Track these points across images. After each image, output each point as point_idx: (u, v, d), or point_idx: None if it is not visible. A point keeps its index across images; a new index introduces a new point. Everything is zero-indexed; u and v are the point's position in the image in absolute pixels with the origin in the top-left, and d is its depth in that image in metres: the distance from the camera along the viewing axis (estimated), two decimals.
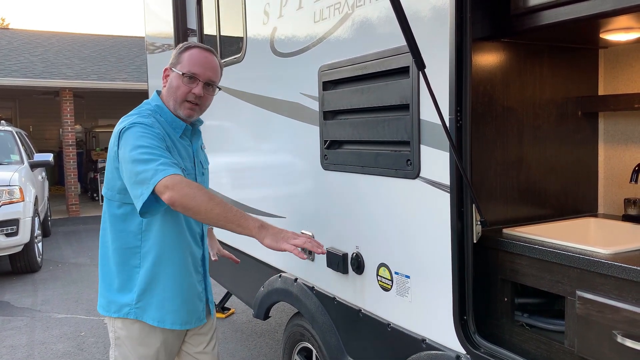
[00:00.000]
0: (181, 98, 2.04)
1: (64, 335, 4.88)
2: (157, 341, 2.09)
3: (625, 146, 2.16)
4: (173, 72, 2.07)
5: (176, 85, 2.04)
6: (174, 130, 2.07)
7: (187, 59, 2.05)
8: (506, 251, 1.76)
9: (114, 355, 2.10)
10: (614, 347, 1.42)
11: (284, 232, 1.83)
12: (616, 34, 1.85)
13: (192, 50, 2.07)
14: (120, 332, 2.08)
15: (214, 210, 1.78)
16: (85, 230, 10.32)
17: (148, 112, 2.05)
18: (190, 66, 2.03)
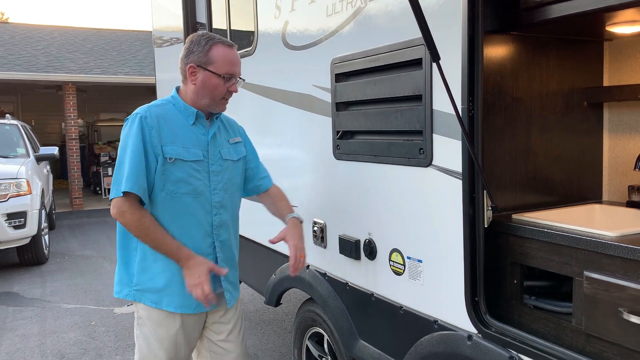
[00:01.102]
0: (219, 96, 2.14)
1: (75, 324, 4.97)
2: (175, 324, 2.17)
3: (629, 135, 2.24)
4: (206, 72, 2.10)
5: (214, 85, 2.12)
6: (186, 118, 2.15)
7: (220, 58, 2.10)
8: (516, 235, 1.84)
9: (136, 334, 2.22)
10: (620, 323, 1.50)
11: (193, 277, 2.06)
12: (622, 27, 1.92)
13: (221, 48, 2.12)
14: (142, 312, 2.18)
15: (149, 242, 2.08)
16: (90, 224, 10.42)
17: (162, 101, 2.20)
18: (227, 67, 2.12)
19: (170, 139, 2.09)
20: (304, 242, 2.27)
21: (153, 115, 2.09)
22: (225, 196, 2.23)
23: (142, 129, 2.06)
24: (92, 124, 15.98)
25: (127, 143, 2.07)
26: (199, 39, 2.13)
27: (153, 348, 2.18)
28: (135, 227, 2.03)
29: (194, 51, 2.11)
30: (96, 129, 15.98)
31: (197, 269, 2.06)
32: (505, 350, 1.75)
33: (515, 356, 1.72)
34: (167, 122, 2.12)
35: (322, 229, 2.67)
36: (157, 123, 2.08)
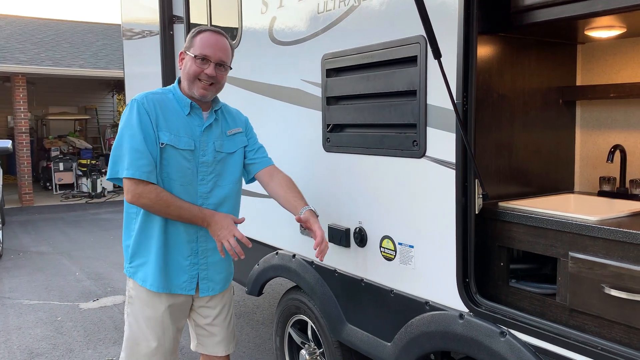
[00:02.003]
0: (193, 77, 2.22)
1: (40, 320, 4.87)
2: (162, 305, 2.30)
3: (599, 131, 2.45)
4: (187, 55, 2.24)
5: (189, 67, 2.23)
6: (182, 108, 2.26)
7: (198, 42, 2.22)
8: (504, 221, 1.99)
9: (127, 311, 2.35)
10: (602, 297, 1.67)
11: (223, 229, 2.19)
12: (599, 31, 2.11)
13: (204, 34, 2.24)
14: (132, 291, 2.32)
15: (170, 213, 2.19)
16: (42, 220, 10.11)
17: (162, 89, 2.29)
18: (202, 48, 2.21)
19: (164, 125, 2.19)
20: None
21: (150, 102, 2.20)
22: (214, 187, 2.30)
23: (140, 114, 2.16)
24: (41, 118, 15.43)
25: (126, 128, 2.17)
26: (193, 30, 2.28)
27: (141, 326, 2.30)
28: (155, 204, 2.14)
29: (186, 40, 2.27)
30: (45, 122, 15.44)
31: (224, 222, 2.19)
32: (496, 326, 1.90)
33: (505, 331, 1.88)
34: (164, 109, 2.21)
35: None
36: (154, 109, 2.19)
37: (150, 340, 2.29)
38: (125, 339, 2.34)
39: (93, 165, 13.12)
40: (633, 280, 1.59)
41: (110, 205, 11.75)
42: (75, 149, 14.23)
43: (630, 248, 1.62)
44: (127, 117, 2.17)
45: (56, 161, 13.11)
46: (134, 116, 2.15)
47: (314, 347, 3.00)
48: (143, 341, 2.30)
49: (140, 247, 2.27)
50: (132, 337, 2.32)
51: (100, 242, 8.12)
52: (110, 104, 16.49)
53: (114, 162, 2.17)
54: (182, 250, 2.28)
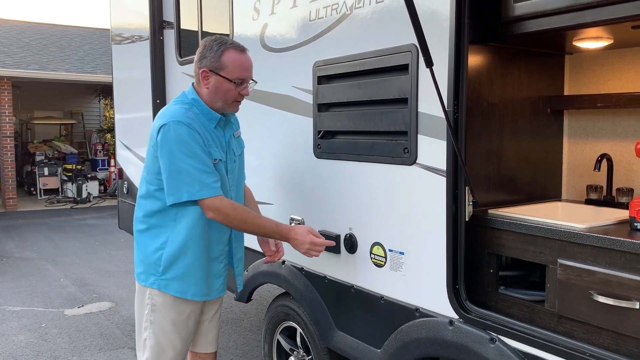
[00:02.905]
0: (232, 100, 2.26)
1: (24, 327, 4.81)
2: (187, 308, 2.32)
3: (585, 140, 2.49)
4: (217, 77, 2.22)
5: (226, 89, 2.23)
6: (209, 121, 2.26)
7: (231, 63, 2.21)
8: (494, 228, 2.01)
9: (150, 319, 2.30)
10: (590, 304, 1.70)
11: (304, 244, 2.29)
12: (587, 42, 2.15)
13: (233, 54, 2.22)
14: (157, 298, 2.29)
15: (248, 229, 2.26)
16: (26, 225, 9.99)
17: (186, 105, 2.23)
18: (238, 72, 2.23)
19: (209, 142, 2.22)
20: None
21: (194, 121, 2.18)
22: (237, 191, 2.42)
23: (192, 134, 2.14)
24: (26, 122, 15.28)
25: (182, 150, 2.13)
26: (212, 44, 2.23)
27: (167, 332, 2.30)
28: (236, 220, 2.19)
29: (206, 56, 2.22)
30: (30, 126, 15.29)
31: (304, 237, 2.27)
32: (486, 333, 1.92)
33: (495, 337, 1.89)
34: (201, 127, 2.22)
35: (300, 224, 2.76)
36: (199, 127, 2.19)
37: (176, 343, 2.33)
38: (149, 347, 2.32)
39: (79, 170, 13.01)
40: (620, 287, 1.62)
41: (95, 211, 11.64)
42: (60, 154, 14.10)
43: (617, 255, 1.64)
44: (178, 140, 2.12)
45: (41, 166, 12.97)
46: (186, 137, 2.12)
47: (303, 354, 2.99)
48: (169, 346, 2.32)
49: (177, 259, 2.25)
50: (158, 344, 2.32)
51: (85, 248, 8.04)
52: (96, 109, 16.37)
53: (177, 186, 2.13)
54: (219, 256, 2.37)
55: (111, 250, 7.86)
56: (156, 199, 2.24)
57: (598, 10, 1.70)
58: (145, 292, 2.31)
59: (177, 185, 2.13)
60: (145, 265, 2.30)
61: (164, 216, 2.25)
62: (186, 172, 2.11)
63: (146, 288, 2.30)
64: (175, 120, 2.14)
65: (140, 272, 2.33)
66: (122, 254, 7.60)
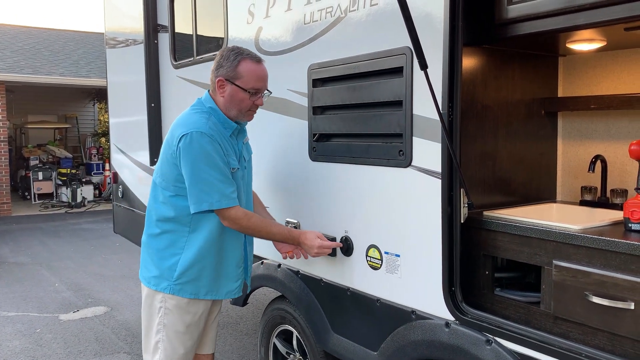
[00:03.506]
0: (246, 109, 2.30)
1: (19, 332, 4.78)
2: (200, 309, 2.38)
3: (579, 142, 2.50)
4: (233, 86, 2.27)
5: (240, 99, 2.28)
6: (225, 130, 2.30)
7: (247, 74, 2.26)
8: (489, 230, 2.02)
9: (163, 322, 2.34)
10: (585, 305, 1.70)
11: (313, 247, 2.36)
12: (580, 44, 2.17)
13: (249, 64, 2.27)
14: (170, 302, 2.33)
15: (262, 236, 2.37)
16: (20, 230, 9.95)
17: (205, 115, 2.28)
18: (254, 82, 2.28)
19: (227, 152, 2.27)
20: None
21: (215, 132, 2.24)
22: (247, 197, 2.47)
23: (214, 145, 2.21)
24: (20, 126, 15.21)
25: (204, 161, 2.19)
26: (229, 54, 2.28)
27: (179, 334, 2.35)
28: (252, 229, 2.31)
29: (223, 65, 2.27)
30: (24, 131, 15.23)
31: (313, 242, 2.34)
32: (482, 335, 1.92)
33: (491, 339, 1.89)
34: (220, 136, 2.27)
35: (296, 228, 2.76)
36: (219, 138, 2.24)
37: (187, 345, 2.38)
38: (163, 350, 2.36)
39: (73, 175, 12.96)
40: (615, 287, 1.62)
41: (90, 215, 11.60)
42: (54, 158, 14.05)
43: (612, 256, 1.65)
44: (199, 150, 2.18)
45: (35, 170, 12.92)
46: (208, 148, 2.19)
47: (299, 357, 2.99)
48: (181, 347, 2.37)
49: (193, 265, 2.30)
50: (171, 346, 2.36)
51: (80, 253, 8.01)
52: (91, 113, 16.32)
53: (198, 196, 2.20)
54: (236, 259, 2.42)
55: (106, 255, 7.83)
56: (172, 205, 2.29)
57: (590, 13, 1.71)
58: (157, 296, 2.34)
59: (198, 195, 2.20)
60: (159, 270, 2.32)
61: (179, 222, 2.30)
62: (208, 182, 2.18)
63: (157, 292, 2.33)
64: (198, 130, 2.19)
65: (152, 277, 2.35)
66: (117, 258, 7.58)
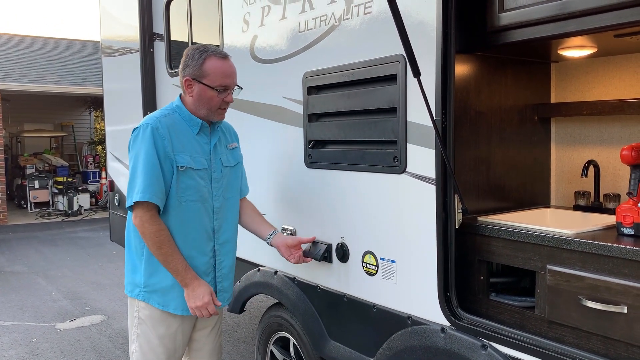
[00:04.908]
0: (216, 107, 2.25)
1: (15, 341, 4.76)
2: (175, 322, 2.29)
3: (573, 147, 2.52)
4: (200, 84, 2.21)
5: (209, 97, 2.22)
6: (190, 127, 2.25)
7: (213, 71, 2.20)
8: (483, 235, 2.03)
9: (137, 332, 2.28)
10: (579, 309, 1.72)
11: (197, 298, 2.19)
12: (571, 51, 2.19)
13: (214, 61, 2.21)
14: (142, 312, 2.27)
15: (158, 255, 2.16)
16: (16, 239, 9.91)
17: (167, 111, 2.25)
18: (221, 79, 2.21)
19: (179, 148, 2.20)
20: None
21: (164, 126, 2.18)
22: (224, 201, 2.36)
23: (155, 139, 2.15)
24: (15, 135, 15.19)
25: (140, 153, 2.15)
26: (194, 53, 2.22)
27: (153, 345, 2.27)
28: (152, 238, 2.13)
29: (189, 65, 2.22)
30: (20, 140, 15.20)
31: (200, 291, 2.19)
32: (478, 340, 1.93)
33: (486, 344, 1.90)
34: (176, 132, 2.21)
35: (292, 234, 2.77)
36: (169, 133, 2.18)
37: (160, 356, 2.29)
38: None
39: (69, 183, 12.93)
40: (608, 292, 1.64)
41: (87, 224, 11.57)
42: (51, 167, 14.02)
43: (605, 260, 1.66)
44: (141, 143, 2.15)
45: (31, 179, 12.89)
46: (148, 142, 2.14)
47: None
48: (153, 358, 2.29)
49: (154, 271, 2.23)
50: (144, 358, 2.29)
51: (77, 261, 7.99)
52: (87, 121, 16.32)
53: (130, 188, 2.16)
54: (202, 268, 2.30)
55: (103, 263, 7.81)
56: None
57: (580, 20, 1.74)
58: (133, 304, 2.31)
59: (130, 188, 2.17)
60: (133, 275, 2.29)
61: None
62: (137, 173, 2.14)
63: (134, 300, 2.29)
64: (145, 124, 2.17)
65: (128, 283, 2.32)
66: (114, 266, 7.56)
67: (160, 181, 2.14)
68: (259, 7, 2.89)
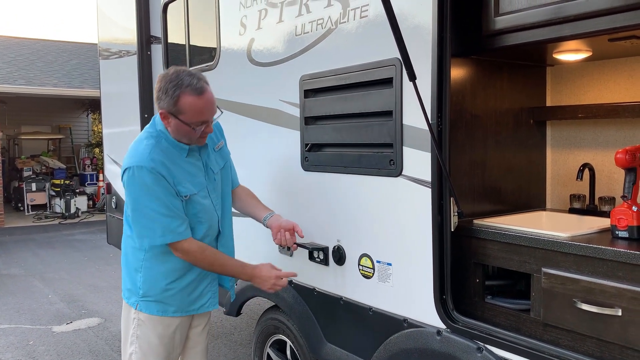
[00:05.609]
0: (196, 138, 2.16)
1: (11, 344, 4.75)
2: (174, 322, 2.32)
3: (568, 150, 2.53)
4: (176, 120, 2.09)
5: (186, 131, 2.13)
6: (178, 152, 2.20)
7: (188, 109, 2.06)
8: (479, 238, 2.04)
9: (137, 334, 2.29)
10: (574, 312, 1.72)
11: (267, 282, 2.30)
12: (566, 55, 2.20)
13: (189, 98, 2.05)
14: (141, 314, 2.28)
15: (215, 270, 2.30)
16: (13, 241, 9.89)
17: (153, 140, 2.16)
18: (198, 116, 2.09)
19: (179, 179, 2.16)
20: None
21: (159, 164, 2.11)
22: (222, 204, 2.40)
23: (157, 179, 2.10)
24: (13, 137, 15.17)
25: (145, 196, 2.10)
26: (167, 86, 2.06)
27: (153, 346, 2.29)
28: (201, 263, 2.24)
29: (162, 99, 2.09)
30: (17, 142, 15.19)
31: (264, 274, 2.30)
32: (473, 342, 1.94)
33: (482, 347, 1.91)
34: (171, 163, 2.16)
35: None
36: (166, 169, 2.12)
37: (160, 355, 2.32)
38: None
39: (67, 186, 12.92)
40: (603, 294, 1.65)
41: (84, 226, 11.55)
42: (48, 169, 14.01)
43: (600, 263, 1.67)
44: (140, 185, 2.09)
45: (28, 181, 12.87)
46: (148, 182, 2.08)
47: None
48: (153, 359, 2.31)
49: (154, 284, 2.25)
50: (144, 358, 2.31)
51: (74, 264, 7.97)
52: (84, 124, 16.31)
53: (140, 232, 2.15)
54: (201, 276, 2.34)
55: (100, 266, 7.80)
56: (128, 224, 2.26)
57: (575, 24, 1.75)
58: (131, 308, 2.31)
59: (140, 231, 2.14)
60: (130, 283, 2.30)
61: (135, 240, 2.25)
62: (149, 217, 2.10)
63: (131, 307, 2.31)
64: (139, 165, 2.09)
65: (126, 289, 2.33)
66: (112, 269, 7.55)
67: (177, 215, 2.13)
68: (256, 11, 2.90)
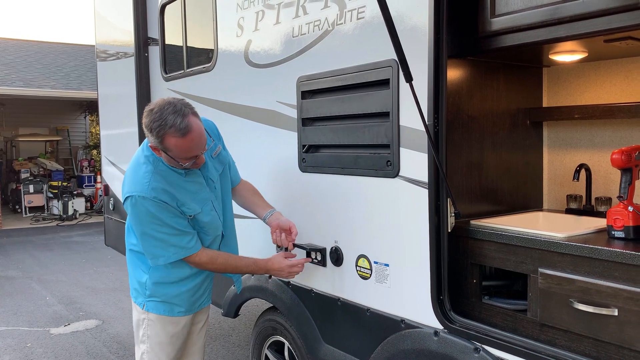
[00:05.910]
0: (190, 166, 2.17)
1: (9, 347, 4.74)
2: (183, 320, 2.39)
3: (565, 151, 2.54)
4: (166, 155, 2.10)
5: (177, 164, 2.14)
6: (177, 174, 2.21)
7: (174, 148, 2.04)
8: (476, 238, 2.04)
9: (147, 334, 2.34)
10: (570, 312, 1.73)
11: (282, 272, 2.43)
12: (562, 55, 2.21)
13: (173, 140, 2.01)
14: (151, 314, 2.34)
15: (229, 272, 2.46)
16: (10, 243, 9.87)
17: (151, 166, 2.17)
18: (184, 154, 2.08)
19: (182, 201, 2.19)
20: None
21: (160, 192, 2.14)
22: (223, 207, 2.45)
23: (162, 207, 2.13)
24: (10, 139, 15.15)
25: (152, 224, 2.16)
26: (152, 125, 2.01)
27: (164, 344, 2.35)
28: (215, 269, 2.37)
29: (149, 135, 2.07)
30: (15, 144, 15.17)
31: (277, 265, 2.41)
32: (470, 343, 1.94)
33: (479, 347, 1.91)
34: (172, 187, 2.18)
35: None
36: (168, 195, 2.16)
37: (170, 354, 2.39)
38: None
39: (64, 187, 12.90)
40: (599, 294, 1.65)
41: (82, 228, 11.54)
42: (46, 171, 13.99)
43: (596, 263, 1.68)
44: (145, 214, 2.13)
45: (26, 183, 12.86)
46: (152, 210, 2.12)
47: None
48: (164, 357, 2.38)
49: (160, 286, 2.31)
50: (156, 357, 2.37)
51: (71, 266, 7.96)
52: (82, 125, 16.29)
53: (152, 252, 2.21)
54: (205, 276, 2.44)
55: (98, 268, 7.79)
56: (133, 231, 2.31)
57: (570, 25, 1.75)
58: (139, 307, 2.37)
59: (152, 251, 2.21)
60: (136, 283, 2.35)
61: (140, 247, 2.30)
62: (159, 239, 2.17)
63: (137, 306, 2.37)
64: (141, 196, 2.11)
65: (133, 289, 2.38)
66: (109, 271, 7.54)
67: (186, 232, 2.21)
68: (253, 12, 2.90)
